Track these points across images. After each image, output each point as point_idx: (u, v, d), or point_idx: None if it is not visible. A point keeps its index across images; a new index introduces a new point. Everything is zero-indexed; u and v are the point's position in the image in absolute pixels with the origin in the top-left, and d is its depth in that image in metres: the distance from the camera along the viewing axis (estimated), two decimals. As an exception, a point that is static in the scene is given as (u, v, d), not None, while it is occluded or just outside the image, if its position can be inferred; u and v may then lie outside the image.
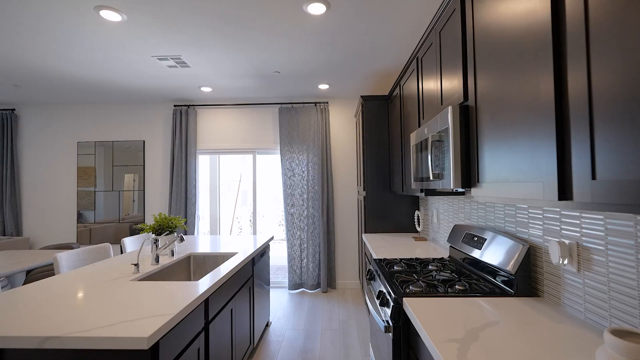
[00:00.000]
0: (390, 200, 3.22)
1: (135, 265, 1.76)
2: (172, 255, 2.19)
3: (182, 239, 1.99)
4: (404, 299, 1.30)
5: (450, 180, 1.36)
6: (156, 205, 4.40)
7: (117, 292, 1.41)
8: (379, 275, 1.70)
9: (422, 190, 2.14)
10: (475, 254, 1.62)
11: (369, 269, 1.93)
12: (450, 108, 1.36)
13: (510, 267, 1.31)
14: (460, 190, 1.67)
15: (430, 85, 1.86)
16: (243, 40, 2.56)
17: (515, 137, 0.97)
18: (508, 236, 1.43)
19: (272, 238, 3.03)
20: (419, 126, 2.10)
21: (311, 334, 2.84)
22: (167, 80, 3.54)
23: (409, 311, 1.20)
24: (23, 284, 2.79)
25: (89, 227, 4.51)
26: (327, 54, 2.87)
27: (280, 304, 3.62)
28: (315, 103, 4.13)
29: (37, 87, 3.81)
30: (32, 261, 2.63)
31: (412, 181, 2.06)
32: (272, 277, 4.90)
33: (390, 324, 1.30)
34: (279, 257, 6.28)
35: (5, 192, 4.46)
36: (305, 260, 4.10)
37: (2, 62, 3.05)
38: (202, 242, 2.74)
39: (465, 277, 1.56)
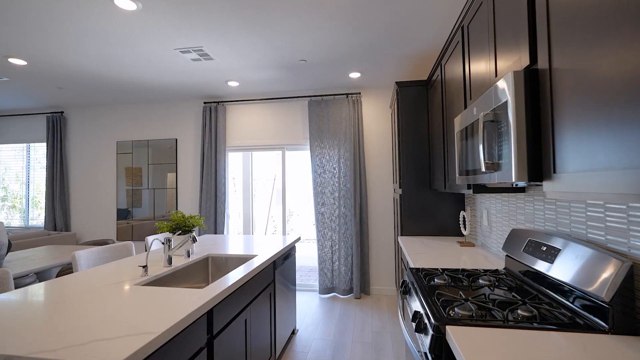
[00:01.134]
0: (431, 199, 2.85)
1: (143, 267, 1.63)
2: (188, 256, 2.05)
3: (194, 240, 1.84)
4: (447, 327, 0.99)
5: (512, 172, 1.02)
6: (188, 203, 4.41)
7: (112, 300, 1.27)
8: (415, 290, 1.39)
9: (469, 187, 1.77)
10: (543, 267, 1.24)
11: (404, 280, 1.62)
12: (511, 74, 1.02)
13: (602, 291, 0.94)
14: (520, 185, 1.31)
15: (480, 56, 1.50)
16: (264, 24, 2.37)
17: (631, 101, 0.63)
18: (595, 247, 1.05)
19: (298, 239, 2.81)
20: (465, 108, 1.74)
21: (340, 347, 2.57)
22: (194, 76, 3.47)
23: (455, 347, 0.89)
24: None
25: (131, 224, 4.65)
26: (357, 36, 2.57)
27: (309, 310, 3.39)
28: (347, 94, 3.84)
29: (77, 89, 3.97)
30: (64, 257, 2.67)
31: (457, 175, 1.71)
32: (304, 279, 4.71)
33: (429, 358, 1.00)
34: (312, 257, 6.09)
35: (56, 190, 4.76)
36: (336, 263, 3.84)
37: (45, 65, 3.18)
38: (225, 242, 2.60)
39: (530, 299, 1.20)
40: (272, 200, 8.19)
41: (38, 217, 5.14)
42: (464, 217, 2.66)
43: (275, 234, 7.93)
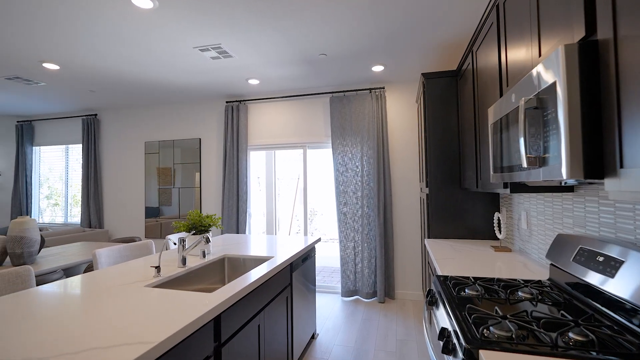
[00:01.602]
0: (460, 198, 2.63)
1: (156, 267, 1.59)
2: (204, 256, 2.00)
3: (207, 240, 1.78)
4: (481, 351, 0.83)
5: (562, 167, 0.85)
6: (212, 202, 4.45)
7: (117, 302, 1.22)
8: (443, 302, 1.23)
9: (505, 185, 1.57)
10: (599, 280, 1.04)
11: (430, 290, 1.46)
12: (561, 49, 0.84)
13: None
14: (570, 183, 1.12)
15: (518, 36, 1.31)
16: (282, 17, 2.28)
17: None
18: (672, 260, 0.85)
19: (318, 240, 2.70)
20: (501, 96, 1.55)
21: (362, 355, 2.44)
22: (215, 75, 3.46)
23: (491, 378, 0.74)
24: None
25: (160, 222, 4.78)
26: (379, 25, 2.42)
27: (331, 312, 3.28)
28: (370, 89, 3.68)
29: (106, 91, 4.11)
30: (91, 255, 2.74)
31: (491, 173, 1.52)
32: (327, 281, 4.60)
33: (459, 387, 0.85)
34: (336, 257, 5.97)
35: (90, 189, 5.00)
36: (359, 265, 3.69)
37: (76, 69, 3.30)
38: (244, 243, 2.55)
39: (584, 319, 1.01)
40: (296, 200, 8.15)
41: (77, 215, 5.43)
42: (498, 219, 2.43)
43: (299, 233, 7.89)
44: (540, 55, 1.12)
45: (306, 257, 2.48)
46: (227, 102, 4.25)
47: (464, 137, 2.47)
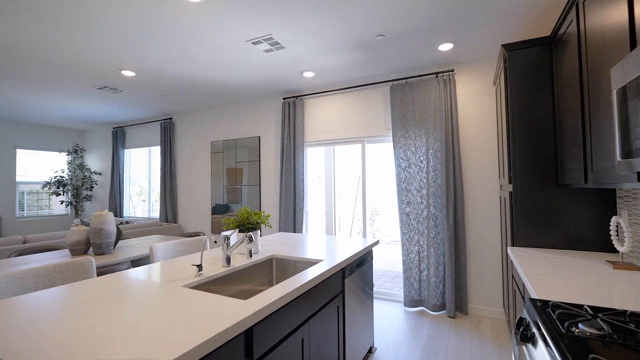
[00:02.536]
0: (556, 197, 2.08)
1: (198, 266, 1.51)
2: (250, 256, 1.90)
3: (250, 239, 1.65)
4: None
5: None
6: (270, 200, 4.46)
7: (145, 305, 1.14)
8: (545, 341, 0.87)
9: (640, 178, 1.10)
10: None
11: (522, 319, 1.08)
12: None
13: None
14: None
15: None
16: (331, -5, 2.06)
17: None
18: None
19: (376, 243, 2.42)
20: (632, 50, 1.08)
21: (427, 378, 2.08)
22: (270, 70, 3.41)
23: None
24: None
25: (227, 218, 4.99)
26: (447, -9, 2.04)
27: (392, 324, 2.96)
28: (437, 73, 3.24)
29: (176, 95, 4.40)
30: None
31: (617, 160, 1.07)
32: (389, 286, 4.25)
33: None
34: (399, 261, 5.54)
35: (167, 187, 5.46)
36: (425, 272, 3.28)
37: (148, 74, 3.57)
38: (296, 242, 2.40)
39: None
40: (357, 199, 7.88)
41: (158, 210, 6.02)
42: (617, 225, 1.84)
43: (360, 234, 7.60)
44: None
45: (362, 262, 2.22)
46: (284, 98, 4.21)
47: (562, 120, 1.93)
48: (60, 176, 6.40)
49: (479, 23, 2.45)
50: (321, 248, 2.18)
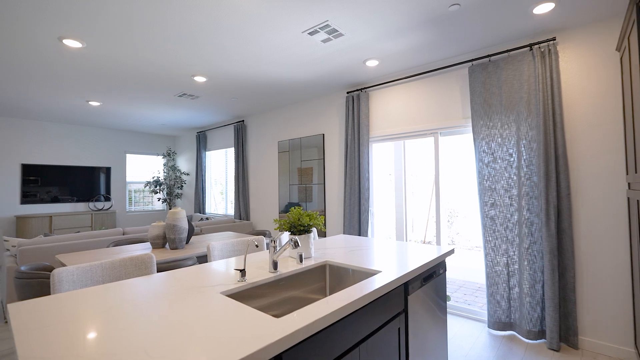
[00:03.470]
0: None
1: (240, 271, 1.41)
2: (301, 261, 1.74)
3: (296, 244, 1.49)
4: None
5: None
6: (335, 200, 4.30)
7: (176, 312, 1.05)
8: None
9: None
10: None
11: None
12: None
13: None
14: None
15: None
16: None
17: None
18: None
19: (450, 252, 2.04)
20: None
21: None
22: (331, 62, 3.23)
23: None
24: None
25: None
26: None
27: (472, 349, 2.49)
28: (531, 45, 2.62)
29: (245, 97, 4.56)
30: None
31: None
32: (469, 300, 3.69)
33: None
34: (482, 270, 4.82)
35: (239, 186, 5.77)
36: (516, 289, 2.70)
37: (218, 78, 3.74)
38: (357, 247, 2.17)
39: None
40: (432, 199, 7.19)
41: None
42: None
43: (436, 238, 6.91)
44: None
45: (431, 275, 1.87)
46: (347, 92, 3.99)
47: None
48: (157, 177, 7.35)
49: (596, -32, 1.85)
50: (382, 255, 1.90)
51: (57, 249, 3.40)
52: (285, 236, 2.37)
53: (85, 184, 6.68)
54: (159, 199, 7.48)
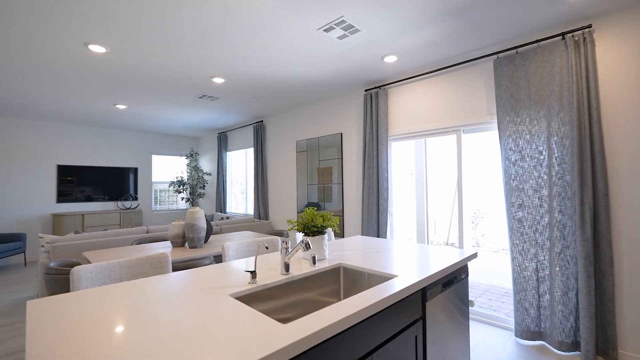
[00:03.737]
0: None
1: (251, 273, 1.38)
2: (314, 263, 1.69)
3: (307, 247, 1.44)
4: None
5: None
6: (353, 199, 4.23)
7: (180, 315, 1.04)
8: None
9: None
10: None
11: None
12: None
13: None
14: None
15: None
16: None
17: None
18: None
19: (473, 256, 1.92)
20: None
21: None
22: (348, 59, 3.17)
23: None
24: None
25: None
26: None
27: (496, 359, 2.35)
28: (563, 34, 2.44)
29: (263, 97, 4.58)
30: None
31: None
32: (495, 306, 3.50)
33: None
34: (508, 274, 4.58)
35: (259, 186, 5.81)
36: (546, 296, 2.52)
37: (236, 79, 3.77)
38: (373, 249, 2.10)
39: None
40: (455, 200, 6.93)
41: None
42: None
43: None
44: None
45: (452, 280, 1.77)
46: (365, 90, 3.91)
47: None
48: (180, 177, 7.56)
49: (638, -54, 1.67)
50: (400, 258, 1.82)
51: (85, 246, 3.55)
52: (300, 237, 2.33)
53: (116, 183, 6.98)
54: (182, 199, 7.70)
